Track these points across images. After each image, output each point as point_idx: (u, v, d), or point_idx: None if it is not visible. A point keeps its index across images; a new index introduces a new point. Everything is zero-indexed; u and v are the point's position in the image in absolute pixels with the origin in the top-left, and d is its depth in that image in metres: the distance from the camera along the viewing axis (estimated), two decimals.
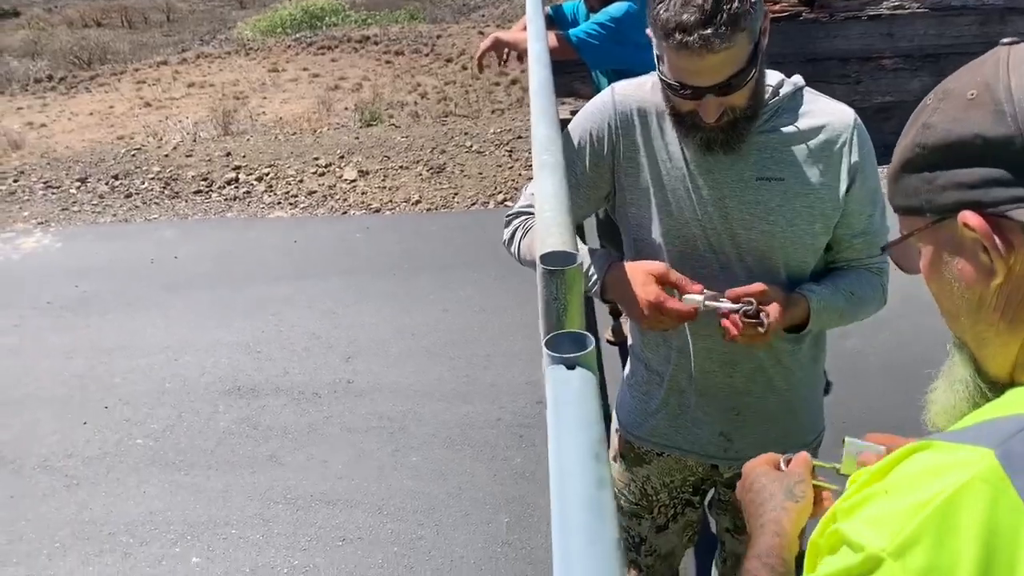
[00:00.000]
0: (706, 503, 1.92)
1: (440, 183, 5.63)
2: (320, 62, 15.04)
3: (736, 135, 1.46)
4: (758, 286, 1.46)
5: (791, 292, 1.53)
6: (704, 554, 2.39)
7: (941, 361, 0.86)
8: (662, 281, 1.46)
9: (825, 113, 1.53)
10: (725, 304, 1.46)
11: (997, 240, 0.71)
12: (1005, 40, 0.76)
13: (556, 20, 3.49)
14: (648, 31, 1.44)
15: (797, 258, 1.55)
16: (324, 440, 3.30)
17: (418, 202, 5.40)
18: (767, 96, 1.49)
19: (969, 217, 0.72)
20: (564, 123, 5.29)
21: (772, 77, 1.51)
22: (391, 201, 5.42)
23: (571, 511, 0.74)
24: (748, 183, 1.51)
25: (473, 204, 5.42)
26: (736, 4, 1.30)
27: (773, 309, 1.45)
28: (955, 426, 0.73)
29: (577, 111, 5.18)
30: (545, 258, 0.99)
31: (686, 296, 1.46)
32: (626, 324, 3.20)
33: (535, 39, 1.82)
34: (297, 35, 17.02)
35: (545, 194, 1.18)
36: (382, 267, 4.54)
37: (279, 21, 21.09)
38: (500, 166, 5.90)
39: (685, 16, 1.30)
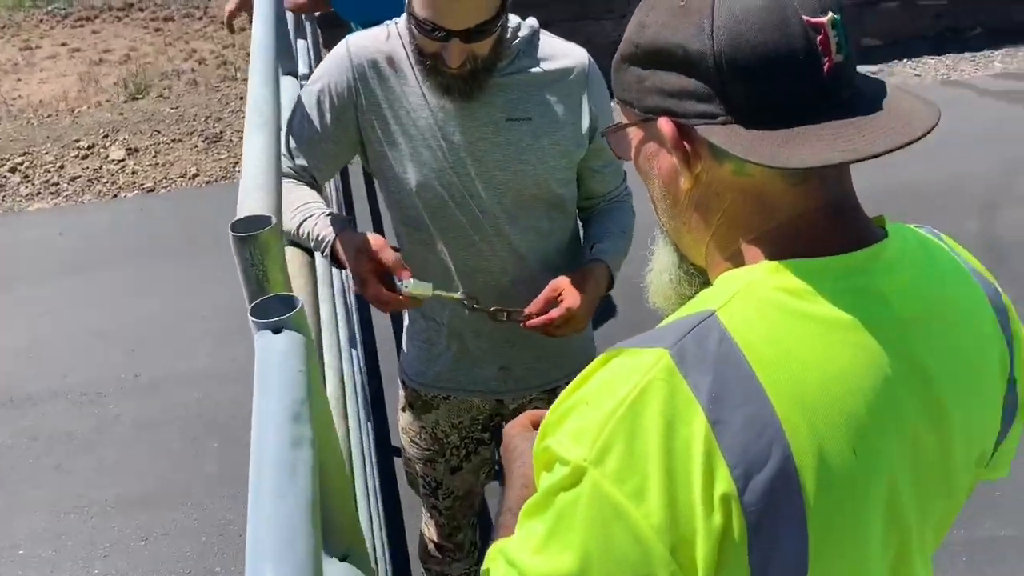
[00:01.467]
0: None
1: (218, 153, 5.35)
2: (80, 35, 13.75)
3: (475, 83, 1.50)
4: (553, 291, 1.54)
5: (587, 262, 1.61)
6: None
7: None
8: (373, 258, 1.48)
9: (562, 54, 1.59)
10: (453, 294, 1.55)
11: (687, 148, 0.75)
12: None
13: None
14: None
15: (552, 192, 1.62)
16: (114, 440, 3.11)
17: (196, 176, 5.11)
18: (508, 38, 1.52)
19: (663, 124, 0.75)
20: None
21: (510, 20, 1.54)
22: (166, 178, 5.10)
23: (264, 470, 0.74)
24: (499, 124, 1.54)
25: None
26: None
27: (568, 307, 1.53)
28: (661, 324, 0.77)
29: None
30: (236, 224, 0.95)
31: (411, 283, 1.47)
32: None
33: None
34: (49, 7, 15.47)
35: (251, 155, 1.14)
36: (162, 249, 4.28)
37: None
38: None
39: None
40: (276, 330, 0.92)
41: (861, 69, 0.77)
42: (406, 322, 1.85)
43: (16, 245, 4.49)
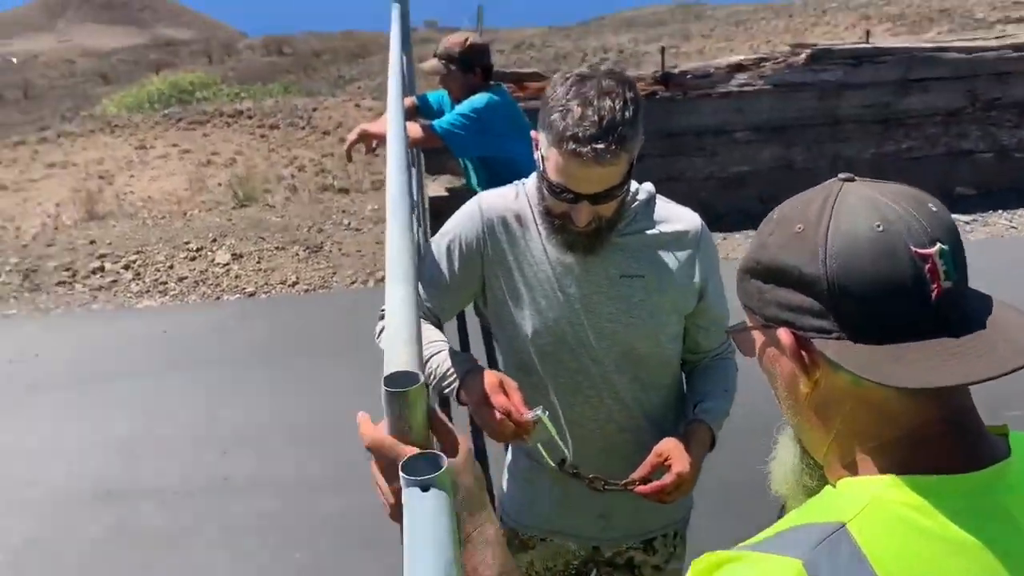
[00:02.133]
0: None
1: (318, 263, 5.60)
2: (191, 137, 14.71)
3: (598, 241, 1.60)
4: (658, 457, 1.59)
5: (691, 422, 1.65)
6: None
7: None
8: (504, 390, 1.53)
9: (676, 217, 1.69)
10: (565, 450, 1.55)
11: (805, 358, 0.80)
12: (841, 176, 0.83)
13: (422, 110, 3.60)
14: (536, 133, 1.56)
15: (660, 346, 1.68)
16: (201, 542, 3.18)
17: (295, 283, 5.35)
18: (628, 201, 1.63)
19: (782, 334, 0.81)
20: (438, 200, 5.41)
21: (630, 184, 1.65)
22: (267, 284, 5.35)
23: None
24: (613, 280, 1.63)
25: (353, 283, 5.42)
26: (627, 128, 1.46)
27: (678, 473, 1.57)
28: (765, 533, 0.80)
29: (450, 188, 5.32)
30: (388, 380, 1.02)
31: (545, 414, 1.50)
32: None
33: (394, 143, 1.88)
34: (165, 110, 16.63)
35: (393, 308, 1.22)
36: (258, 354, 4.46)
37: (145, 96, 20.57)
38: (379, 243, 5.93)
39: (582, 129, 1.44)
40: (424, 488, 0.98)
41: (954, 217, 0.81)
42: (508, 459, 1.90)
43: (123, 340, 4.73)
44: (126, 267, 5.62)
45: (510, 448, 1.90)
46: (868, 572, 0.72)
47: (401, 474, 1.01)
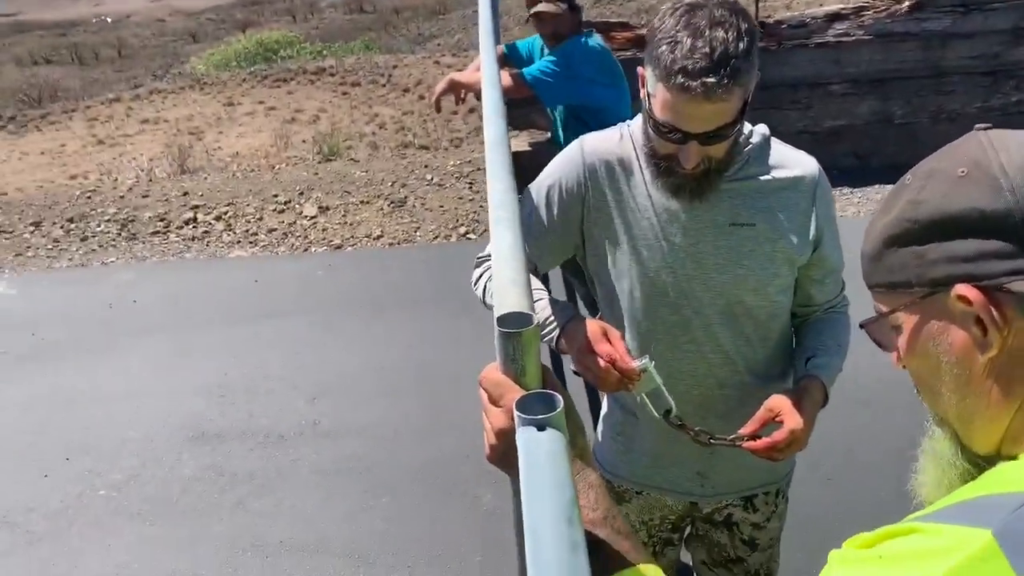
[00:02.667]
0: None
1: (401, 217, 5.64)
2: (276, 95, 15.00)
3: (708, 184, 1.49)
4: (769, 412, 1.51)
5: (802, 378, 1.58)
6: None
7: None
8: (607, 338, 1.47)
9: (792, 162, 1.58)
10: (671, 403, 1.49)
11: (994, 312, 0.72)
12: (979, 126, 0.79)
13: (511, 58, 3.54)
14: (641, 69, 1.46)
15: (769, 299, 1.59)
16: (291, 484, 3.27)
17: (380, 237, 5.39)
18: (740, 143, 1.53)
19: (965, 290, 0.73)
20: (521, 154, 5.34)
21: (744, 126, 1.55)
22: (352, 236, 5.41)
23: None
24: (722, 228, 1.54)
25: (435, 238, 5.44)
26: (740, 61, 1.34)
27: (791, 429, 1.49)
28: (935, 505, 0.72)
29: (535, 142, 5.23)
30: (501, 320, 1.00)
31: (651, 364, 1.44)
32: None
33: (489, 86, 1.83)
34: (251, 68, 16.97)
35: (501, 252, 1.18)
36: (345, 304, 4.53)
37: (232, 55, 21.04)
38: (461, 199, 5.93)
39: (691, 62, 1.33)
40: (540, 427, 0.95)
41: None
42: (603, 410, 1.86)
43: (216, 288, 4.86)
44: (218, 218, 5.76)
45: (605, 400, 1.86)
46: None
47: (516, 413, 0.98)
